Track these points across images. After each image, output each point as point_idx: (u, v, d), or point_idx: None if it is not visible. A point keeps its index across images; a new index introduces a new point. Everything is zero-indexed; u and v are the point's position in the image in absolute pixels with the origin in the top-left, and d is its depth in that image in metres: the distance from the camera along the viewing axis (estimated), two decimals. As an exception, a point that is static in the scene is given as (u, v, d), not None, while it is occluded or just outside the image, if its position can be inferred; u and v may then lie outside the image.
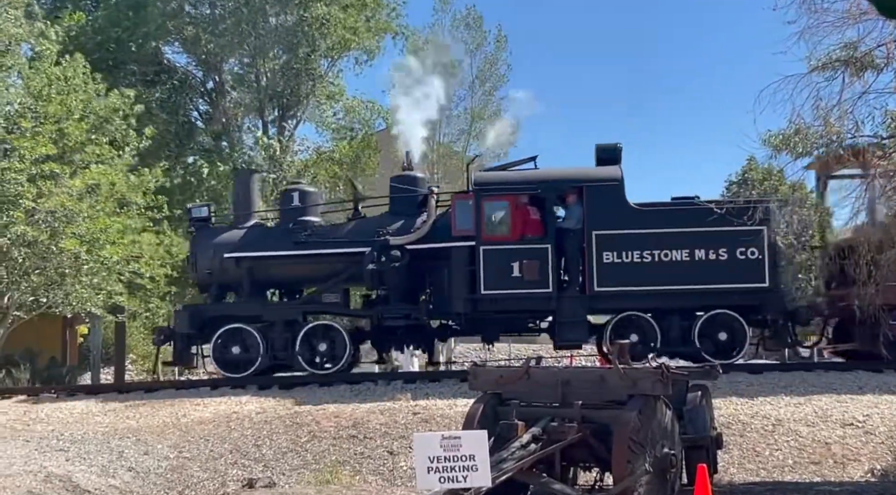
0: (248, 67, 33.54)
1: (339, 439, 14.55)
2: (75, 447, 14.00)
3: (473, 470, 8.02)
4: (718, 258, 17.84)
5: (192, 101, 34.29)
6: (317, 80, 33.58)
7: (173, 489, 13.12)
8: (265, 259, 19.49)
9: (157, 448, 14.18)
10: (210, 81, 34.27)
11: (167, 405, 16.77)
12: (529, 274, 18.12)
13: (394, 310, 18.98)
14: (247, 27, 31.83)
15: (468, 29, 38.12)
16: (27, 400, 17.87)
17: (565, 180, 18.84)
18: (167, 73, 33.28)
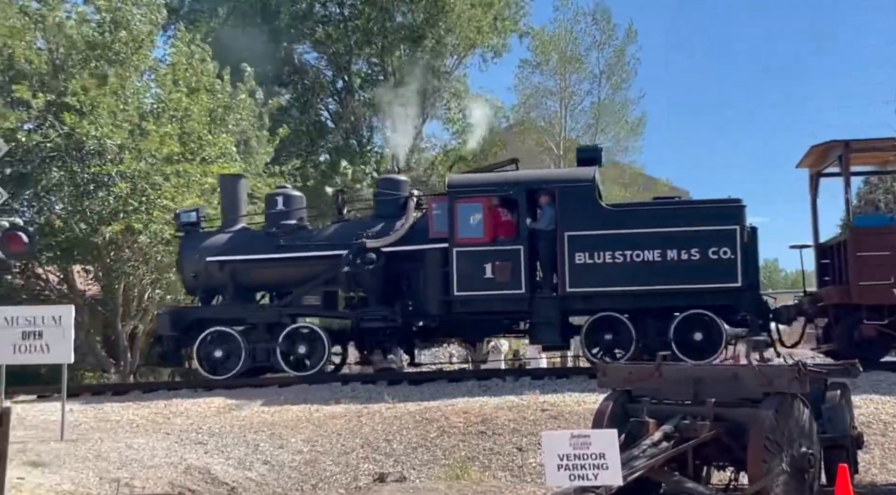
0: (376, 67, 33.97)
1: (468, 435, 14.58)
2: (213, 440, 14.35)
3: (603, 469, 7.95)
4: (691, 258, 17.77)
5: (322, 101, 34.88)
6: (442, 77, 33.77)
7: (307, 482, 13.34)
8: (247, 262, 19.81)
9: (290, 442, 14.44)
10: (339, 81, 34.82)
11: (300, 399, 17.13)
12: (501, 275, 18.23)
13: (371, 312, 19.24)
14: (373, 26, 32.22)
15: (595, 23, 37.81)
16: (167, 394, 18.41)
17: (537, 181, 19.07)
18: (298, 74, 33.93)
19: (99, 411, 16.85)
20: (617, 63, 37.95)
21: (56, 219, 24.73)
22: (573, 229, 18.16)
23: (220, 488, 12.71)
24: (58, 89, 23.76)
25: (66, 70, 24.17)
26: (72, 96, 23.15)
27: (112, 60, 24.41)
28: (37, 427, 15.48)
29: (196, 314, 20.24)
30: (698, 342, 17.95)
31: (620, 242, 18.01)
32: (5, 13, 23.83)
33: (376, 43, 32.40)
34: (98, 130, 23.00)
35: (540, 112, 38.01)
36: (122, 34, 24.62)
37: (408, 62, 33.03)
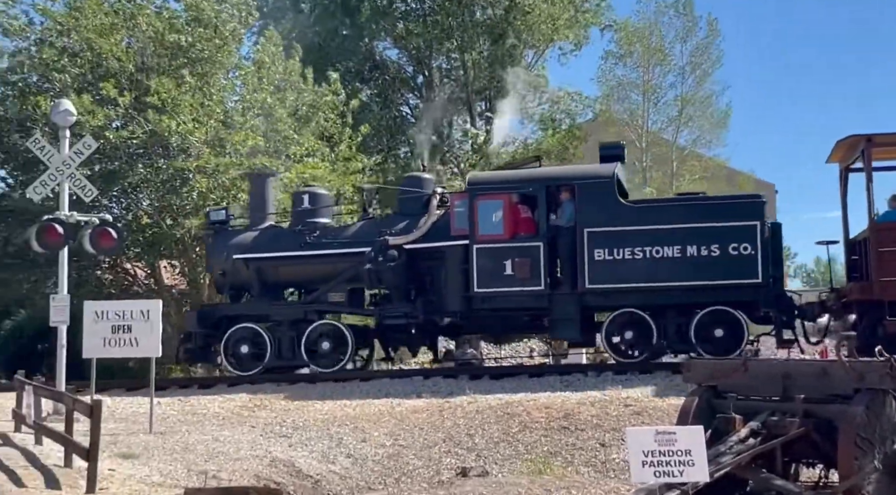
0: (455, 62, 33.99)
1: (550, 430, 14.52)
2: (297, 433, 14.50)
3: (690, 465, 7.86)
4: (710, 254, 17.62)
5: (402, 96, 35.00)
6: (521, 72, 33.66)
7: (390, 476, 13.41)
8: (272, 260, 20.03)
9: (373, 435, 14.53)
10: (420, 76, 34.91)
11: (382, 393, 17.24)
12: (521, 272, 18.26)
13: (393, 309, 19.40)
14: (454, 21, 32.24)
15: (678, 15, 37.38)
16: (251, 387, 18.65)
17: (557, 178, 19.11)
18: (379, 69, 34.11)
19: (186, 404, 17.15)
20: (701, 55, 37.49)
21: (143, 214, 25.22)
22: (593, 226, 18.12)
23: (304, 481, 12.84)
24: (143, 87, 24.20)
25: (151, 68, 24.60)
26: (154, 94, 23.55)
27: (195, 59, 24.78)
28: (126, 419, 15.81)
29: (223, 311, 20.56)
30: (720, 338, 17.78)
31: (640, 239, 17.93)
32: (95, 11, 24.32)
33: (456, 38, 32.42)
34: (180, 127, 23.37)
35: (623, 105, 37.72)
36: (206, 32, 24.96)
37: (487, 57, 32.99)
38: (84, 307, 15.13)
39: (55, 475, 11.06)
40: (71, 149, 16.09)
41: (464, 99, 33.65)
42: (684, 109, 37.30)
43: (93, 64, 24.24)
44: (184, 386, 19.31)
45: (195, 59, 24.76)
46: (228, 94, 26.04)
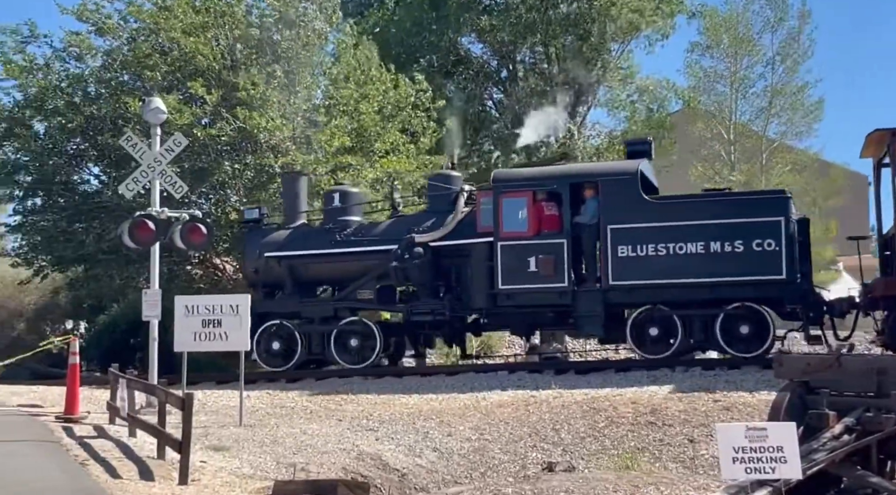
0: (539, 55, 33.83)
1: (636, 425, 14.40)
2: (383, 427, 14.59)
3: (782, 462, 7.73)
4: (734, 250, 17.58)
5: (486, 91, 34.96)
6: (607, 63, 33.38)
7: (476, 470, 13.42)
8: (303, 257, 20.34)
9: (459, 430, 14.55)
10: (504, 70, 34.84)
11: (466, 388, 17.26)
12: (545, 269, 18.41)
13: (420, 305, 19.63)
14: (537, 15, 32.09)
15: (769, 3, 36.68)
16: (338, 381, 18.82)
17: (581, 175, 19.31)
18: (463, 64, 34.10)
19: (274, 397, 17.37)
20: (791, 44, 36.73)
21: (231, 210, 25.58)
22: (616, 222, 18.20)
23: (391, 474, 12.92)
24: (231, 84, 24.53)
25: (239, 66, 24.94)
26: (242, 91, 23.86)
27: (281, 57, 25.05)
28: (217, 412, 16.07)
29: (255, 308, 20.42)
30: (746, 335, 17.74)
31: (663, 235, 17.95)
32: (185, 10, 24.71)
33: (540, 31, 32.25)
34: (268, 123, 23.64)
35: (710, 96, 37.16)
36: (291, 33, 25.21)
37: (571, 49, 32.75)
38: (175, 302, 15.42)
39: (149, 466, 11.29)
40: (161, 146, 16.39)
41: (548, 92, 33.44)
42: (774, 100, 36.57)
43: (181, 62, 24.65)
44: (272, 379, 19.56)
45: (282, 56, 25.03)
46: (314, 92, 26.27)
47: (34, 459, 11.26)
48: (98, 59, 25.84)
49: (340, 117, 24.88)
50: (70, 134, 25.51)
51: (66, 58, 25.96)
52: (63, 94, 25.37)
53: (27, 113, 26.00)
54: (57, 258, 26.27)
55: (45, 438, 12.83)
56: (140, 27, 25.41)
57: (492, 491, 11.16)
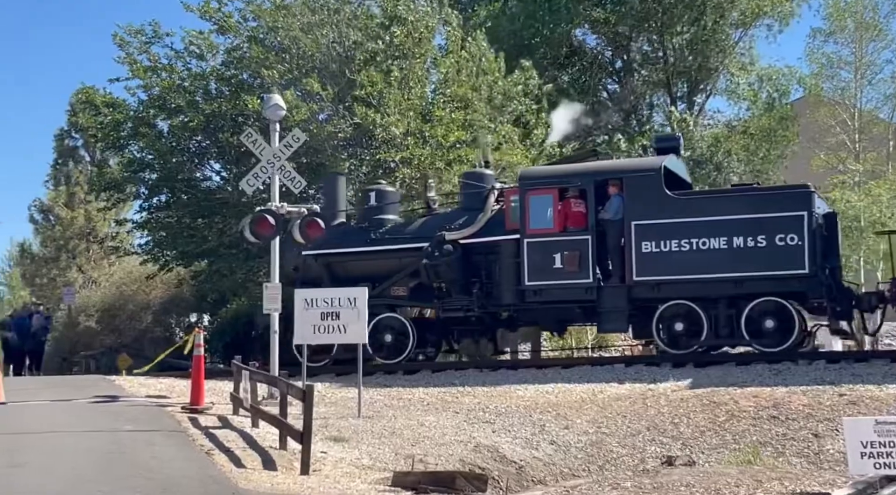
0: (656, 44, 33.40)
1: (758, 419, 14.14)
2: (500, 419, 14.61)
3: (913, 457, 7.51)
4: (757, 245, 17.63)
5: (601, 82, 34.66)
6: (727, 51, 32.75)
7: (593, 463, 13.36)
8: (340, 255, 20.68)
9: (576, 422, 14.50)
10: (618, 61, 34.49)
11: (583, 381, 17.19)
12: (570, 265, 18.65)
13: (451, 302, 19.99)
14: (652, 4, 31.68)
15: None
16: (455, 373, 18.91)
17: (606, 172, 19.54)
18: (577, 56, 33.86)
19: (392, 389, 17.53)
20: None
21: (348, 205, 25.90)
22: (640, 218, 18.37)
23: (508, 467, 12.94)
24: (346, 81, 24.83)
25: (354, 64, 25.21)
26: (360, 89, 24.13)
27: (395, 55, 25.24)
28: (336, 404, 16.30)
29: None
30: (771, 330, 17.69)
31: (687, 230, 18.08)
32: (302, 10, 25.12)
33: (656, 21, 31.84)
34: (384, 119, 23.87)
35: (833, 83, 36.04)
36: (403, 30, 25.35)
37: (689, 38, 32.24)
38: (294, 295, 15.68)
39: (271, 456, 11.52)
40: (281, 142, 16.68)
41: (664, 82, 32.99)
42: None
43: (299, 60, 25.04)
44: (389, 372, 19.74)
45: (396, 56, 25.22)
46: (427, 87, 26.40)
47: (163, 449, 11.59)
48: (219, 58, 26.45)
49: (455, 112, 24.97)
50: (192, 132, 26.16)
51: (188, 57, 26.63)
52: (185, 92, 26.03)
53: (151, 112, 26.78)
54: (181, 253, 27.03)
55: (173, 428, 13.19)
56: (259, 26, 25.90)
57: (610, 484, 11.08)
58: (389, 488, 10.61)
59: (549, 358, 20.35)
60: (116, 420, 13.73)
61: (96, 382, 19.11)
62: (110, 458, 10.94)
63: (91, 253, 46.92)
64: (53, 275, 51.52)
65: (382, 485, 10.82)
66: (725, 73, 33.60)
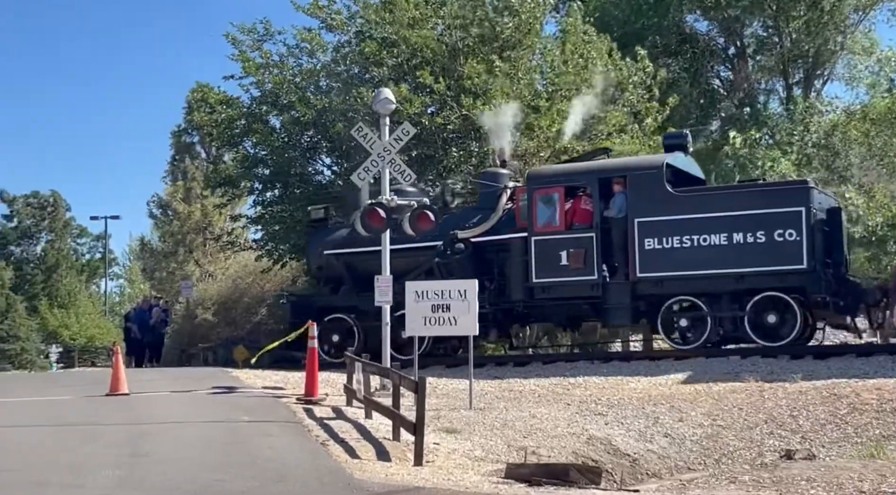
0: (771, 29, 32.62)
1: (882, 412, 13.75)
2: (612, 411, 14.47)
3: None
4: (756, 241, 17.77)
5: (713, 69, 34.01)
6: (847, 34, 31.80)
7: (709, 456, 13.14)
8: (358, 254, 20.97)
9: (690, 415, 14.27)
10: (731, 47, 33.80)
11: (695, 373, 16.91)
12: (575, 262, 19.01)
13: None
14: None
15: None
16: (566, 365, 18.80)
17: (610, 170, 19.78)
18: (689, 43, 33.27)
19: (502, 381, 17.51)
20: None
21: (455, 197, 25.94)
22: (643, 215, 18.64)
23: (621, 459, 12.82)
24: (455, 73, 24.84)
25: (462, 55, 25.21)
26: (467, 80, 24.12)
27: (503, 46, 25.16)
28: (447, 395, 16.36)
29: (318, 303, 21.83)
30: (773, 324, 17.92)
31: (688, 227, 18.32)
32: (405, 7, 25.22)
33: (771, 5, 31.07)
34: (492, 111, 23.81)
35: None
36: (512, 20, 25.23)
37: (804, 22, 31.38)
38: (405, 287, 15.78)
39: (385, 447, 11.61)
40: (391, 135, 16.78)
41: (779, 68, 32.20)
42: None
43: (408, 54, 25.16)
44: (500, 363, 19.75)
45: (503, 46, 25.14)
46: (535, 77, 26.26)
47: (279, 439, 11.79)
48: (328, 54, 26.74)
49: (562, 102, 24.79)
50: (304, 127, 26.50)
51: (299, 54, 26.99)
52: (296, 88, 26.37)
53: (264, 108, 27.21)
54: (294, 247, 27.40)
55: (288, 419, 13.40)
56: (367, 20, 26.10)
57: (728, 478, 10.87)
58: (503, 480, 10.59)
59: (661, 350, 20.05)
60: (234, 410, 14.02)
61: (214, 374, 19.54)
62: (228, 448, 11.18)
63: (207, 247, 48.00)
64: (172, 268, 52.97)
65: (496, 477, 10.80)
66: (844, 57, 32.62)
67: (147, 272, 63.72)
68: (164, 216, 58.41)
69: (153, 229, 62.68)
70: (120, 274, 73.83)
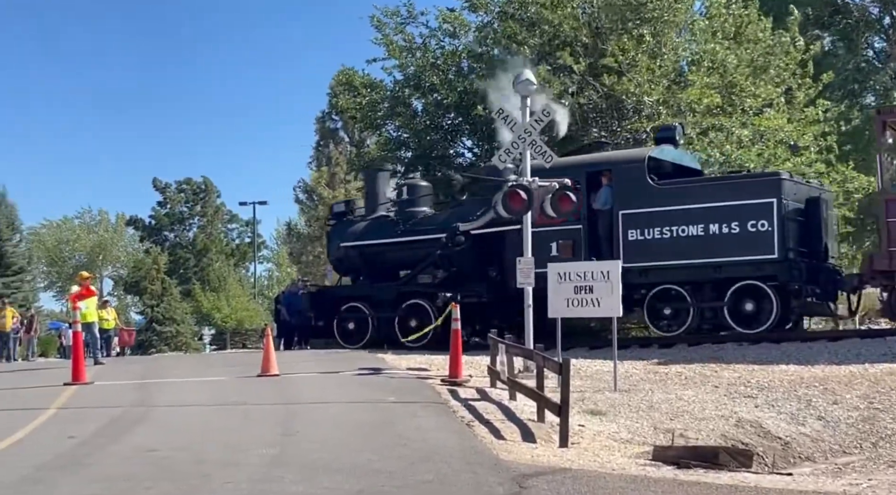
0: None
1: None
2: (762, 394, 14.15)
3: None
4: (731, 231, 18.43)
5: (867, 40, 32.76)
6: None
7: (866, 440, 12.70)
8: (372, 246, 22.50)
9: (845, 398, 13.83)
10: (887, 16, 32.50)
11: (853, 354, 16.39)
12: (565, 252, 19.68)
13: (466, 289, 21.08)
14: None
15: None
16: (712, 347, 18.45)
17: (597, 164, 20.60)
18: (841, 14, 32.11)
19: (647, 363, 17.31)
20: None
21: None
22: (627, 208, 19.45)
23: (772, 442, 12.52)
24: (597, 52, 24.57)
25: (604, 34, 24.91)
26: (610, 58, 23.83)
27: (647, 19, 24.74)
28: (591, 377, 16.26)
29: (335, 292, 23.56)
30: (751, 312, 18.55)
31: (668, 218, 19.10)
32: None
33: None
34: (636, 88, 23.49)
35: None
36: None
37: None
38: (548, 269, 15.73)
39: (530, 429, 11.61)
40: (531, 117, 16.70)
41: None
42: None
43: (549, 34, 24.99)
44: (644, 345, 19.54)
45: (648, 19, 24.72)
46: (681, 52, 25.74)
47: (425, 419, 11.92)
48: (470, 35, 26.78)
49: (710, 75, 24.25)
50: (446, 109, 26.66)
51: (441, 36, 27.12)
52: (439, 71, 26.52)
53: (406, 91, 27.47)
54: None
55: (434, 400, 13.53)
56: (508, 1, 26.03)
57: (886, 462, 10.55)
58: (649, 462, 10.47)
59: (814, 330, 19.61)
60: (380, 391, 14.25)
61: (361, 355, 19.87)
62: (375, 428, 11.37)
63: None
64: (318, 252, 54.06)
65: (642, 459, 10.69)
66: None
67: (294, 256, 65.27)
68: (309, 201, 59.67)
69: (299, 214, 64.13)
70: (268, 257, 75.86)
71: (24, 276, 60.24)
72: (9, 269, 56.73)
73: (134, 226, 75.86)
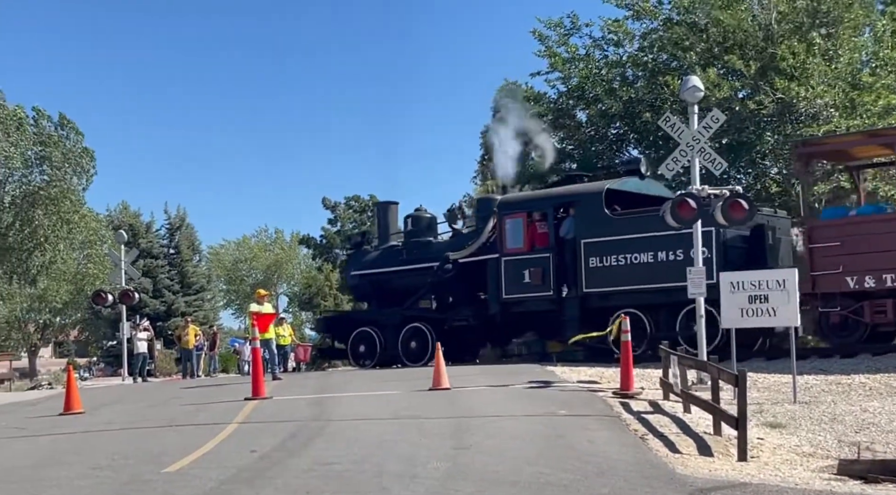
0: None
1: None
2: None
3: None
4: (676, 258, 19.74)
5: None
6: None
7: None
8: (378, 274, 24.67)
9: None
10: None
11: None
12: (535, 279, 21.55)
13: (456, 313, 23.52)
14: None
15: None
16: None
17: (562, 196, 22.27)
18: None
19: (828, 374, 16.71)
20: None
21: (772, 183, 25.04)
22: (587, 237, 21.07)
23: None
24: (768, 55, 23.94)
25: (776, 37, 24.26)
26: (781, 61, 23.19)
27: (822, 23, 23.99)
28: (768, 389, 15.82)
29: (348, 317, 26.87)
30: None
31: (622, 247, 20.56)
32: None
33: None
34: (809, 92, 22.78)
35: None
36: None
37: None
38: (720, 278, 15.38)
39: (706, 442, 11.35)
40: (699, 124, 16.39)
41: None
42: None
43: (718, 38, 24.52)
44: (824, 355, 18.90)
45: (823, 22, 23.96)
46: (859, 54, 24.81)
47: (597, 433, 11.80)
48: (635, 44, 26.55)
49: (888, 76, 23.32)
50: (611, 119, 26.47)
51: (605, 45, 26.98)
52: (602, 81, 26.36)
53: (570, 103, 27.40)
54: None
55: (605, 413, 13.39)
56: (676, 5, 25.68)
57: None
58: (834, 476, 10.10)
59: None
60: (551, 404, 14.18)
61: (531, 368, 19.84)
62: (547, 441, 11.31)
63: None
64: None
65: (827, 474, 10.32)
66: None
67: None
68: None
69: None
70: (435, 271, 76.55)
71: (204, 295, 62.69)
72: (191, 288, 59.09)
73: (306, 245, 77.92)
